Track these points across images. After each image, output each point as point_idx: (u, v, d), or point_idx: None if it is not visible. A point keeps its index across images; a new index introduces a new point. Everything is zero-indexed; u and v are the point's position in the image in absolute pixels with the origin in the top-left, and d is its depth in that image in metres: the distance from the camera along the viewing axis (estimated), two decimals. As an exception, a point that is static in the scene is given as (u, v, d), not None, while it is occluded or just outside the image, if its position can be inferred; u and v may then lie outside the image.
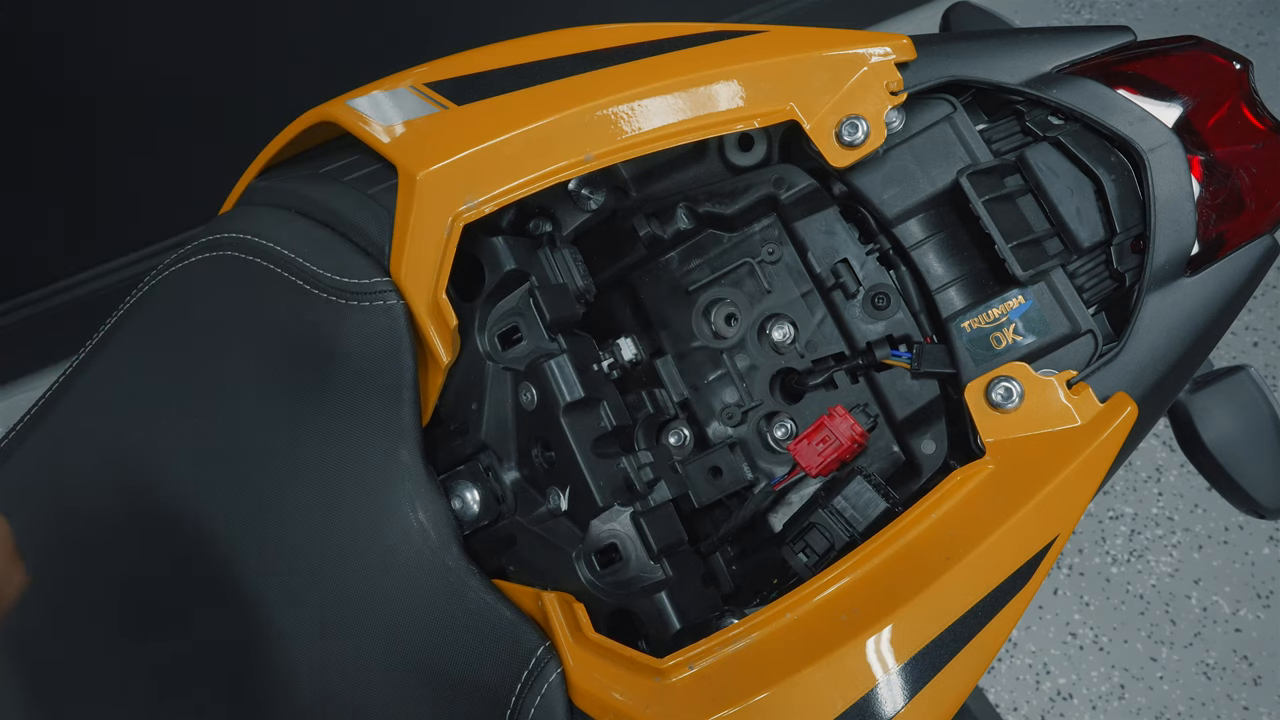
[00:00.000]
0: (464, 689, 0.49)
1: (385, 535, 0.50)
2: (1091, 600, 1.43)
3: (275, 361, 0.54)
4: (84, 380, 0.56)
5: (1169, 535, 1.47)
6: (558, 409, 0.54)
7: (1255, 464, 0.66)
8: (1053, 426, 0.51)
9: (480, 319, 0.57)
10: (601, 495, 0.54)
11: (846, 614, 0.47)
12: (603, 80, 0.54)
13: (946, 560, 0.48)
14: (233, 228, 0.57)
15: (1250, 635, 1.41)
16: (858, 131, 0.54)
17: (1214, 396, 0.67)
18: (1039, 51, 0.58)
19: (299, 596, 0.51)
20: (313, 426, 0.52)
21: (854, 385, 0.62)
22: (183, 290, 0.57)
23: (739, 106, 0.54)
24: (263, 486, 0.52)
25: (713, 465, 0.61)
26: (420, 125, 0.55)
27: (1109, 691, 1.38)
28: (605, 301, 0.67)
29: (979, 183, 0.54)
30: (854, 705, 0.46)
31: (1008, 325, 0.55)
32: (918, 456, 0.60)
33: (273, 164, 0.65)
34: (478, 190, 0.52)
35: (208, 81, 1.20)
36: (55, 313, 1.36)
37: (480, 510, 0.55)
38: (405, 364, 0.52)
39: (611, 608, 0.54)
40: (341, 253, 0.54)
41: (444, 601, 0.50)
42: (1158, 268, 0.54)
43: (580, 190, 0.59)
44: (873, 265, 0.60)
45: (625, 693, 0.46)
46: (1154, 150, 0.55)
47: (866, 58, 0.55)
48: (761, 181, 0.61)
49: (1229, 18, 1.89)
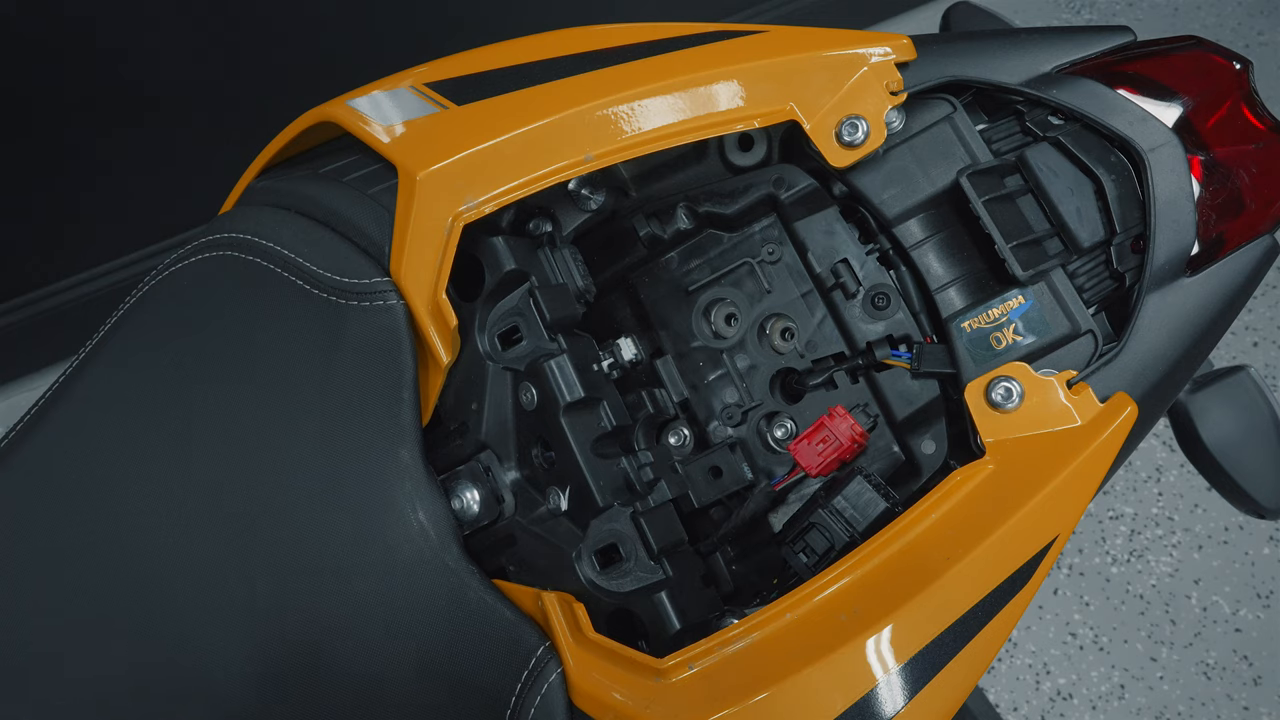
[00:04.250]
0: (464, 689, 0.49)
1: (385, 535, 0.50)
2: (1091, 600, 1.43)
3: (274, 361, 0.54)
4: (84, 381, 0.56)
5: (1169, 535, 1.47)
6: (558, 409, 0.54)
7: (1255, 464, 0.66)
8: (1053, 426, 0.51)
9: (480, 319, 0.57)
10: (601, 495, 0.54)
11: (846, 614, 0.47)
12: (603, 80, 0.54)
13: (946, 560, 0.48)
14: (233, 228, 0.57)
15: (1250, 635, 1.41)
16: (858, 131, 0.54)
17: (1214, 396, 0.67)
18: (1039, 51, 0.58)
19: (299, 596, 0.51)
20: (312, 426, 0.52)
21: (854, 385, 0.62)
22: (182, 290, 0.57)
23: (739, 106, 0.54)
24: (262, 486, 0.52)
25: (713, 465, 0.61)
26: (420, 125, 0.55)
27: (1109, 691, 1.38)
28: (605, 301, 0.67)
29: (979, 183, 0.54)
30: (854, 705, 0.46)
31: (1008, 325, 0.55)
32: (918, 456, 0.60)
33: (273, 164, 0.65)
34: (478, 190, 0.52)
35: (208, 81, 1.20)
36: (55, 313, 1.36)
37: (480, 510, 0.55)
38: (405, 364, 0.52)
39: (611, 608, 0.54)
40: (341, 253, 0.54)
41: (444, 602, 0.50)
42: (1158, 268, 0.54)
43: (580, 190, 0.59)
44: (873, 265, 0.60)
45: (625, 693, 0.46)
46: (1154, 150, 0.55)
47: (866, 58, 0.55)
48: (761, 181, 0.61)
49: (1229, 18, 1.89)
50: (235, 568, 0.52)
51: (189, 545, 0.52)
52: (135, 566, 0.52)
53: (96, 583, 0.52)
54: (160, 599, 0.52)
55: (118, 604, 0.52)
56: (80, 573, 0.53)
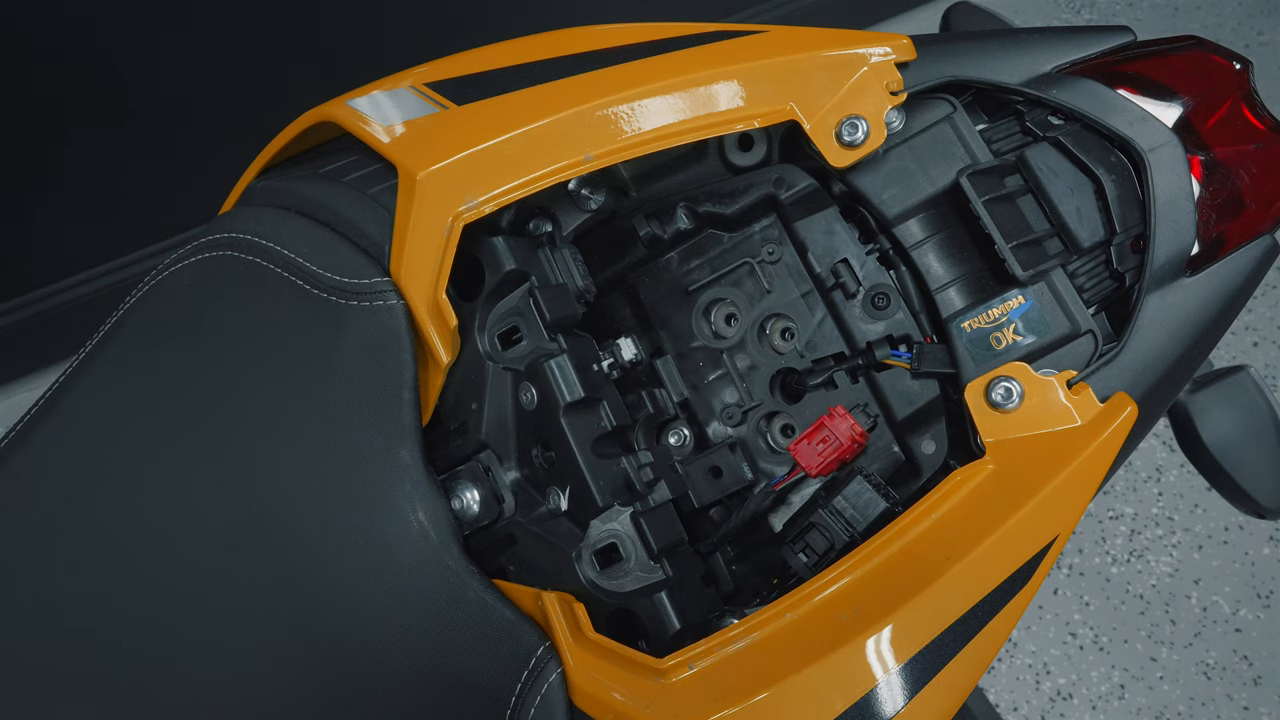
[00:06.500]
0: (464, 689, 0.49)
1: (385, 535, 0.50)
2: (1091, 600, 1.43)
3: (275, 361, 0.54)
4: (84, 381, 0.56)
5: (1169, 535, 1.47)
6: (558, 409, 0.54)
7: (1255, 464, 0.66)
8: (1053, 426, 0.51)
9: (480, 319, 0.57)
10: (601, 495, 0.54)
11: (846, 614, 0.47)
12: (603, 80, 0.54)
13: (946, 560, 0.48)
14: (233, 228, 0.57)
15: (1250, 635, 1.41)
16: (858, 131, 0.54)
17: (1214, 396, 0.67)
18: (1039, 51, 0.58)
19: (298, 596, 0.51)
20: (312, 426, 0.52)
21: (854, 385, 0.62)
22: (182, 290, 0.57)
23: (739, 106, 0.54)
24: (262, 486, 0.52)
25: (713, 465, 0.61)
26: (420, 125, 0.55)
27: (1109, 691, 1.38)
28: (605, 301, 0.67)
29: (979, 183, 0.54)
30: (854, 705, 0.46)
31: (1008, 325, 0.55)
32: (918, 456, 0.60)
33: (273, 164, 0.65)
34: (478, 190, 0.52)
35: (208, 81, 1.20)
36: (55, 313, 1.36)
37: (480, 510, 0.55)
38: (405, 364, 0.52)
39: (611, 608, 0.54)
40: (341, 253, 0.54)
41: (444, 602, 0.50)
42: (1158, 268, 0.54)
43: (580, 190, 0.59)
44: (873, 265, 0.60)
45: (625, 693, 0.46)
46: (1154, 150, 0.55)
47: (866, 58, 0.55)
48: (761, 181, 0.61)
49: (1229, 18, 1.89)
50: (235, 567, 0.52)
51: (188, 545, 0.52)
52: (134, 566, 0.52)
53: (95, 582, 0.52)
54: (159, 598, 0.52)
55: (116, 604, 0.52)
56: (79, 572, 0.53)
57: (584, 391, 0.54)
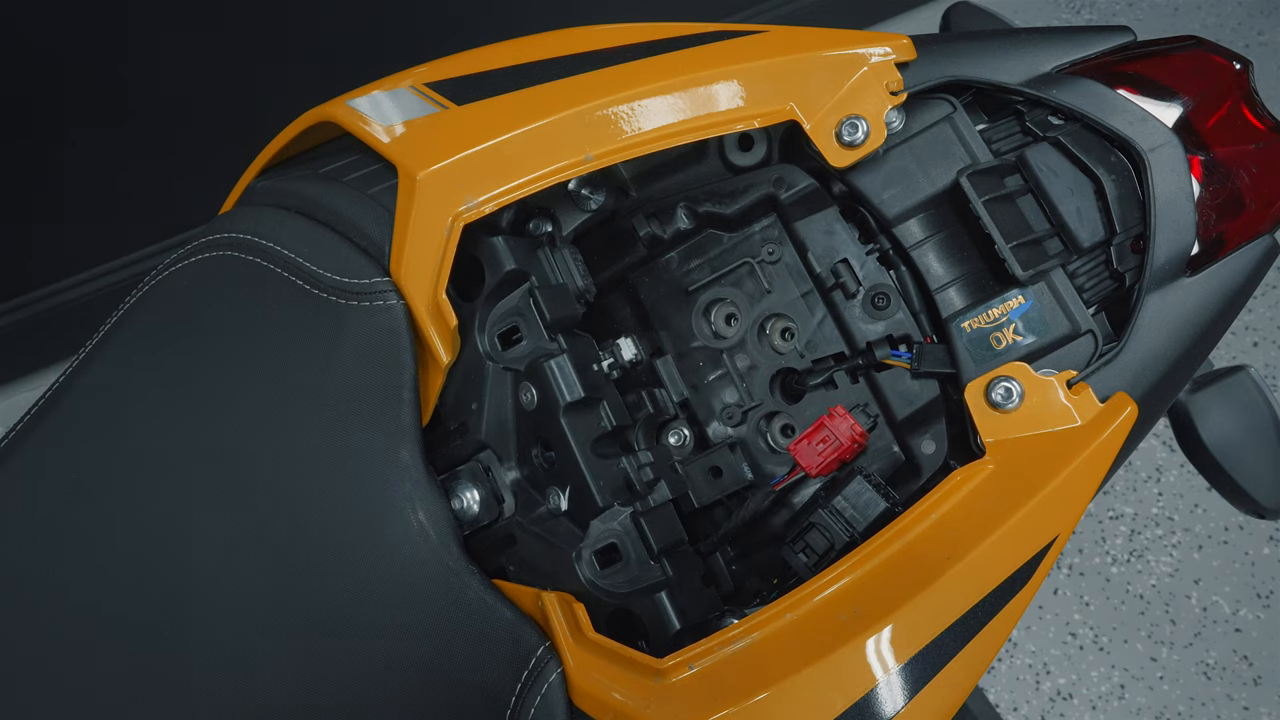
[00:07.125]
0: (464, 689, 0.49)
1: (385, 535, 0.50)
2: (1091, 600, 1.43)
3: (275, 361, 0.54)
4: (84, 381, 0.56)
5: (1169, 535, 1.47)
6: (558, 409, 0.54)
7: (1255, 464, 0.66)
8: (1053, 426, 0.51)
9: (480, 319, 0.57)
10: (601, 495, 0.54)
11: (846, 614, 0.47)
12: (603, 80, 0.54)
13: (946, 560, 0.48)
14: (233, 228, 0.57)
15: (1250, 635, 1.41)
16: (858, 131, 0.54)
17: (1214, 396, 0.67)
18: (1039, 51, 0.58)
19: (299, 597, 0.51)
20: (312, 426, 0.52)
21: (854, 385, 0.62)
22: (182, 290, 0.57)
23: (739, 106, 0.54)
24: (262, 485, 0.52)
25: (713, 465, 0.61)
26: (420, 125, 0.55)
27: (1109, 691, 1.38)
28: (605, 301, 0.67)
29: (979, 183, 0.54)
30: (854, 705, 0.46)
31: (1008, 325, 0.55)
32: (918, 456, 0.60)
33: (273, 164, 0.65)
34: (478, 190, 0.52)
35: (208, 81, 1.20)
36: (55, 313, 1.36)
37: (480, 510, 0.55)
38: (405, 364, 0.52)
39: (611, 608, 0.54)
40: (341, 253, 0.54)
41: (444, 602, 0.50)
42: (1158, 268, 0.54)
43: (580, 190, 0.59)
44: (873, 265, 0.60)
45: (625, 693, 0.46)
46: (1154, 150, 0.55)
47: (866, 58, 0.55)
48: (761, 181, 0.61)
49: (1229, 18, 1.89)
50: (235, 567, 0.52)
51: (188, 545, 0.52)
52: (134, 566, 0.52)
53: (96, 581, 0.52)
54: (159, 598, 0.52)
55: (116, 602, 0.52)
56: (80, 571, 0.53)
57: (584, 391, 0.54)
